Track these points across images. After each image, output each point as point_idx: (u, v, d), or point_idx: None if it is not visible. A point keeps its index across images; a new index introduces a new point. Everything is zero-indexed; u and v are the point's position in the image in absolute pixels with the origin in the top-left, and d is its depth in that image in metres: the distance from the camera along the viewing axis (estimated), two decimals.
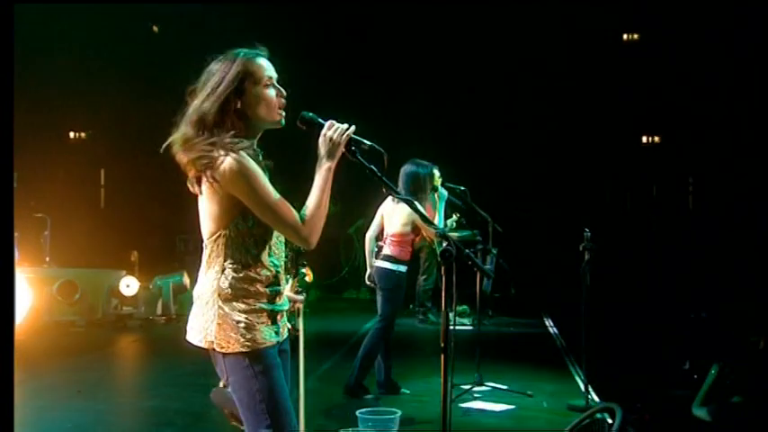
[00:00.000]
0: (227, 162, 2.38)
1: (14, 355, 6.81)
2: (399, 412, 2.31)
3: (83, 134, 14.11)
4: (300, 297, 2.81)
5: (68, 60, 11.22)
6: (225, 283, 2.46)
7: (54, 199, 11.46)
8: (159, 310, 9.38)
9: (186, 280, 9.69)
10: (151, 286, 9.39)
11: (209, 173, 2.40)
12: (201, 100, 2.46)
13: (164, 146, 2.50)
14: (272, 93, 2.53)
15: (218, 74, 2.48)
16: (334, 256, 12.50)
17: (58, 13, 10.76)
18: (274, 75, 2.55)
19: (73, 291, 8.73)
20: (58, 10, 10.65)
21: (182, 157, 2.48)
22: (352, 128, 2.51)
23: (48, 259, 9.36)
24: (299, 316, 2.86)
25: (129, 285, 9.07)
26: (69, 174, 13.23)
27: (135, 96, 12.00)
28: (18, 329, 7.81)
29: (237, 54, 2.51)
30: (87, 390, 6.16)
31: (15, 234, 8.03)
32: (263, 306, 2.50)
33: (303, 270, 2.88)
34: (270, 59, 2.57)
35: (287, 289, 2.73)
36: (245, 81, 2.48)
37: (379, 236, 5.93)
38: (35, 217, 9.41)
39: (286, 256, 2.79)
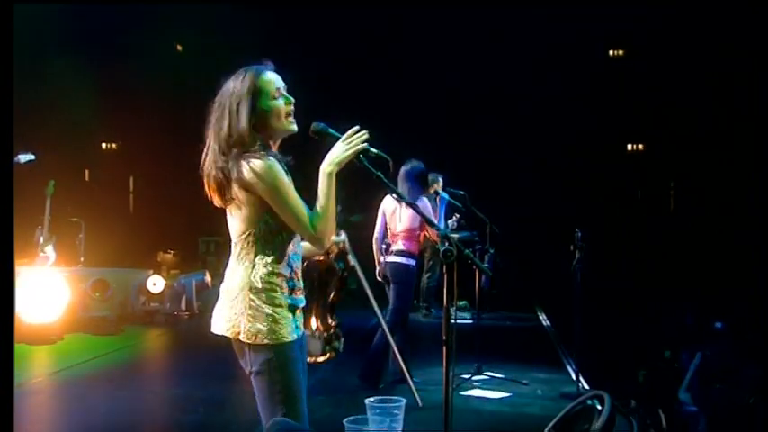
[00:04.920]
0: (256, 165, 2.38)
1: (44, 350, 6.81)
2: (405, 400, 2.30)
3: (113, 145, 14.15)
4: (342, 237, 2.75)
5: (101, 78, 11.24)
6: (255, 277, 2.45)
7: (88, 204, 11.48)
8: (183, 306, 9.37)
9: (208, 278, 9.67)
10: (176, 284, 9.40)
11: (239, 182, 2.40)
12: (224, 120, 2.46)
13: (206, 166, 2.50)
14: (280, 103, 2.51)
15: (232, 94, 2.47)
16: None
17: (87, 34, 10.82)
18: (282, 85, 2.53)
19: (105, 288, 8.75)
20: (87, 31, 10.71)
21: (210, 172, 2.48)
22: (366, 136, 2.47)
23: (82, 259, 9.36)
24: (349, 253, 2.79)
25: (156, 283, 9.09)
26: (102, 181, 13.26)
27: (161, 110, 12.04)
28: (56, 323, 7.83)
29: (246, 72, 2.50)
30: (118, 379, 6.17)
31: (53, 237, 8.05)
32: (288, 300, 2.49)
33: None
34: (276, 71, 2.55)
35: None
36: (257, 96, 2.47)
37: (384, 234, 5.87)
38: (71, 221, 9.41)
39: None
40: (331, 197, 2.44)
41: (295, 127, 2.54)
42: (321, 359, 2.68)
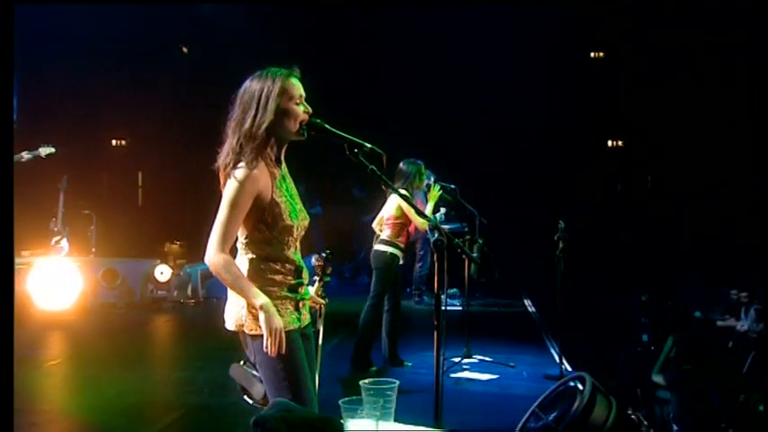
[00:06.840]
0: (236, 171, 2.40)
1: (58, 335, 6.80)
2: (398, 382, 2.30)
3: (123, 141, 14.08)
4: (323, 301, 2.76)
5: (111, 79, 11.19)
6: (251, 275, 2.45)
7: (99, 198, 11.44)
8: (189, 294, 9.36)
9: None
10: (182, 273, 9.38)
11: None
12: (249, 115, 2.43)
13: (220, 160, 2.47)
14: (300, 109, 2.49)
15: (261, 90, 2.43)
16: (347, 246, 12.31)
17: (100, 38, 10.76)
18: (303, 93, 2.51)
19: (115, 277, 8.74)
20: (99, 33, 10.64)
21: (222, 166, 2.47)
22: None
23: (93, 250, 9.33)
24: (320, 317, 2.81)
25: (163, 272, 9.07)
26: (112, 176, 13.21)
27: (168, 109, 11.98)
28: (69, 310, 7.83)
29: (276, 73, 2.47)
30: (128, 362, 6.15)
31: (66, 228, 8.04)
32: (287, 294, 2.49)
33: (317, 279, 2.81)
34: (300, 78, 2.53)
35: (312, 290, 2.69)
36: (283, 97, 2.45)
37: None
38: (82, 213, 9.38)
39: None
40: (240, 288, 2.39)
41: (306, 133, 2.51)
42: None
